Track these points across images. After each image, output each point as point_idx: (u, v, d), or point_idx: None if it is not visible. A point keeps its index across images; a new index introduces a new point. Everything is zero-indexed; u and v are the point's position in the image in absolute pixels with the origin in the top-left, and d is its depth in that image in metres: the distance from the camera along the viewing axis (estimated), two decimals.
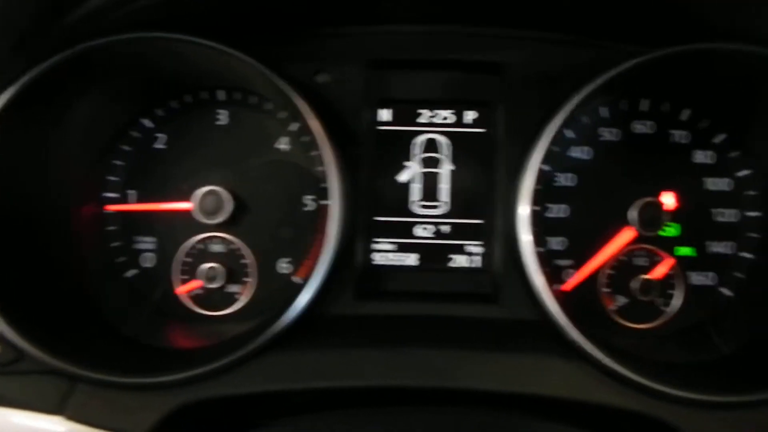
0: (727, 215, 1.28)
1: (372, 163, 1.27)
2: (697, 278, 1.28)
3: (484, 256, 1.27)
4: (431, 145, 1.28)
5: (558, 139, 1.25)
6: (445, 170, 1.28)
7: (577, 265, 1.26)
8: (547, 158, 1.24)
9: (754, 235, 1.27)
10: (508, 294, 1.20)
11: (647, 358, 1.19)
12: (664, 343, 1.27)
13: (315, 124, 1.13)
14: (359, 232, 1.24)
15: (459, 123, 1.28)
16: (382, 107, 1.28)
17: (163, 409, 1.04)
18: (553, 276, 1.27)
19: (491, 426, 1.04)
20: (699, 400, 1.02)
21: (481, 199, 1.26)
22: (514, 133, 1.22)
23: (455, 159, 1.28)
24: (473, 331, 1.16)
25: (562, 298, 1.16)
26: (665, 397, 1.03)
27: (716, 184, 1.28)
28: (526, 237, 1.12)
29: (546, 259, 1.26)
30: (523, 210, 1.12)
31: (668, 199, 1.26)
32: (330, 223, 1.12)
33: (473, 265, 1.27)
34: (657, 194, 1.26)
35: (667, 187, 1.27)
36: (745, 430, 1.03)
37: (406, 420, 1.03)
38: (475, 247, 1.28)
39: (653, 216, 1.23)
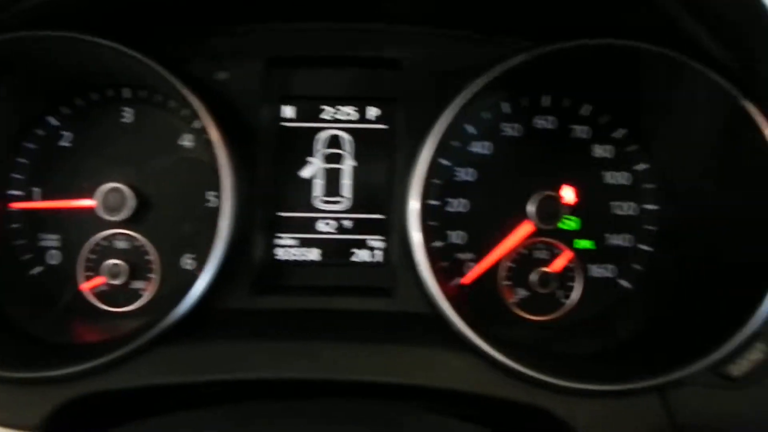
0: (625, 208, 1.30)
1: (274, 160, 1.28)
2: (597, 270, 1.31)
3: (385, 250, 1.29)
4: (334, 142, 1.30)
5: (458, 135, 1.28)
6: (347, 166, 1.30)
7: (478, 259, 1.28)
8: (446, 153, 1.27)
9: (652, 227, 1.30)
10: (404, 288, 1.22)
11: (542, 350, 1.21)
12: (565, 335, 1.29)
13: (209, 121, 1.15)
14: (258, 228, 1.25)
15: (362, 119, 1.30)
16: (285, 104, 1.30)
17: (54, 403, 1.04)
18: (454, 269, 1.29)
19: (377, 417, 1.05)
20: (584, 389, 1.04)
21: (383, 195, 1.28)
22: (412, 128, 1.23)
23: (358, 155, 1.30)
24: (366, 324, 1.18)
25: (454, 291, 1.18)
26: (550, 387, 1.05)
27: (615, 177, 1.31)
28: (415, 231, 1.13)
29: (446, 252, 1.28)
30: (413, 205, 1.14)
31: (567, 193, 1.28)
32: (221, 219, 1.13)
33: (375, 260, 1.29)
34: (557, 188, 1.28)
35: (567, 182, 1.29)
36: (630, 418, 1.05)
37: (292, 412, 1.04)
38: (376, 241, 1.29)
39: (551, 210, 1.25)
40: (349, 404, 1.07)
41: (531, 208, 1.25)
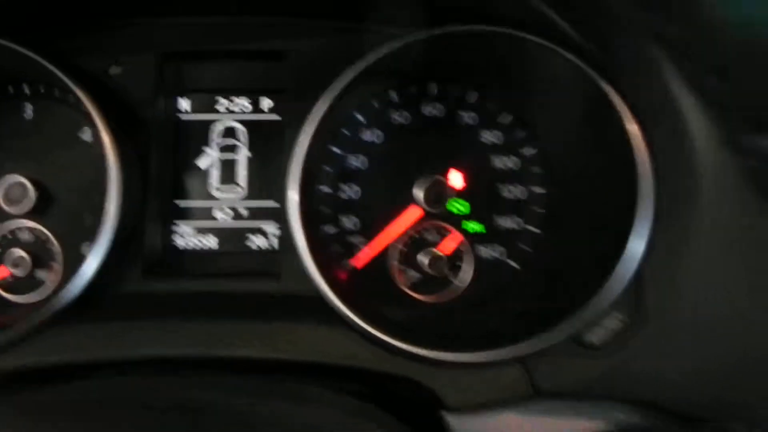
0: (514, 192, 1.35)
1: (171, 151, 1.33)
2: (486, 252, 1.35)
3: (279, 237, 1.33)
4: (230, 132, 1.34)
5: (349, 123, 1.33)
6: (242, 156, 1.34)
7: (370, 243, 1.33)
8: (338, 141, 1.32)
9: (539, 210, 1.34)
10: (290, 271, 1.25)
11: (425, 328, 1.25)
12: (457, 315, 1.33)
13: (97, 115, 1.19)
14: (153, 216, 1.29)
15: (256, 110, 1.35)
16: (180, 96, 1.34)
17: None
18: (349, 253, 1.33)
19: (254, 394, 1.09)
20: (449, 360, 1.09)
21: (276, 183, 1.32)
22: (297, 119, 1.27)
23: (252, 145, 1.34)
24: (253, 304, 1.22)
25: (346, 274, 1.22)
26: (417, 358, 1.09)
27: (503, 162, 1.35)
28: (294, 217, 1.17)
29: (339, 237, 1.33)
30: (292, 193, 1.18)
31: (454, 177, 1.33)
32: (108, 207, 1.18)
33: (271, 246, 1.34)
34: (446, 173, 1.32)
35: (456, 167, 1.34)
36: (494, 387, 1.10)
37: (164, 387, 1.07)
38: (272, 228, 1.34)
39: (437, 193, 1.30)
40: (225, 379, 1.11)
41: (418, 192, 1.30)
